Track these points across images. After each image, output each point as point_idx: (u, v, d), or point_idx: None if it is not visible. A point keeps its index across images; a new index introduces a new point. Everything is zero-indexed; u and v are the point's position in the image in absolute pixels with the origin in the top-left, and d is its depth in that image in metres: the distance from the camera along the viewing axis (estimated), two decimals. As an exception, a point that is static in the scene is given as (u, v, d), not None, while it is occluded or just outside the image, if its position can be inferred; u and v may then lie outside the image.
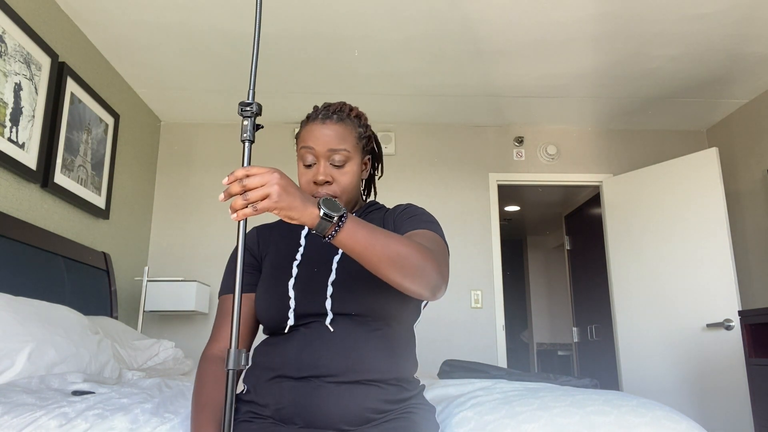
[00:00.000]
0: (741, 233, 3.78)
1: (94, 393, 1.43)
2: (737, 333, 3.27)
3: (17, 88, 2.38)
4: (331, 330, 1.09)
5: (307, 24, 2.88)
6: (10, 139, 2.32)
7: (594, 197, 4.55)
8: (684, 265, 3.57)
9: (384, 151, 4.10)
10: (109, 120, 3.22)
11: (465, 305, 3.88)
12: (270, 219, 3.89)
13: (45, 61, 2.57)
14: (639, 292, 3.77)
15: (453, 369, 1.94)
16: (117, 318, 3.05)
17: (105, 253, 3.08)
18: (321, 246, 1.21)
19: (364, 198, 1.38)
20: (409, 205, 1.25)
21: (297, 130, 3.75)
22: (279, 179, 0.87)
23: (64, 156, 2.74)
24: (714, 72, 3.37)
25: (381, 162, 1.37)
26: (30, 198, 2.52)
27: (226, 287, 1.23)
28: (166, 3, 2.71)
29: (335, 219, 0.91)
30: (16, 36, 2.36)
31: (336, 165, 1.19)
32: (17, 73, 2.38)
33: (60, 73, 2.70)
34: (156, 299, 3.29)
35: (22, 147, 2.40)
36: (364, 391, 1.06)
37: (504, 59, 3.24)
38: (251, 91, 0.94)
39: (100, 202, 3.10)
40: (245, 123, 0.91)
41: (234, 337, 0.86)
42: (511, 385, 1.41)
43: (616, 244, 3.96)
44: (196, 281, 3.31)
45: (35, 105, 2.51)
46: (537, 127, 4.21)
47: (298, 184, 1.44)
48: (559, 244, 6.97)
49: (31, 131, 2.48)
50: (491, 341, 3.83)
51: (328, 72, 3.39)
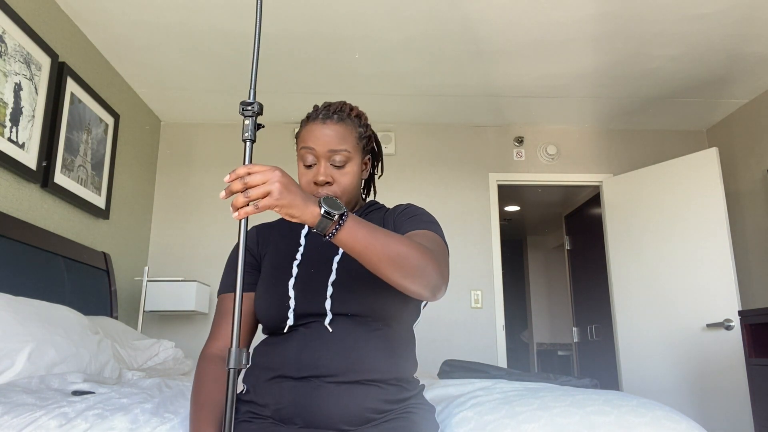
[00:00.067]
0: (741, 233, 3.78)
1: (94, 393, 1.43)
2: (737, 333, 3.27)
3: (17, 88, 2.38)
4: (330, 330, 1.09)
5: (308, 24, 2.88)
6: (10, 139, 2.32)
7: (594, 197, 4.55)
8: (684, 265, 3.57)
9: (384, 151, 4.10)
10: (109, 120, 3.22)
11: (465, 305, 3.88)
12: (270, 218, 3.89)
13: (45, 61, 2.57)
14: (639, 292, 3.77)
15: (453, 369, 1.94)
16: (117, 318, 3.05)
17: (105, 253, 3.08)
18: (321, 246, 1.21)
19: (363, 198, 1.38)
20: (409, 205, 1.25)
21: (297, 129, 3.75)
22: (280, 177, 0.87)
23: (64, 156, 2.74)
24: (714, 72, 3.37)
25: (381, 161, 1.37)
26: (30, 198, 2.52)
27: (225, 286, 1.23)
28: (166, 3, 2.71)
29: (336, 217, 0.91)
30: (16, 36, 2.36)
31: (336, 165, 1.19)
32: (17, 73, 2.38)
33: (60, 73, 2.70)
34: (156, 299, 3.29)
35: (22, 147, 2.40)
36: (363, 391, 1.06)
37: (504, 59, 3.24)
38: (252, 91, 0.94)
39: (100, 202, 3.10)
40: (246, 122, 0.91)
41: (235, 336, 0.86)
42: (511, 385, 1.41)
43: (616, 244, 3.96)
44: (196, 281, 3.31)
45: (35, 105, 2.51)
46: (537, 127, 4.21)
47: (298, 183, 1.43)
48: (559, 244, 6.97)
49: (31, 131, 2.48)
50: (491, 341, 3.83)
51: (328, 72, 3.39)
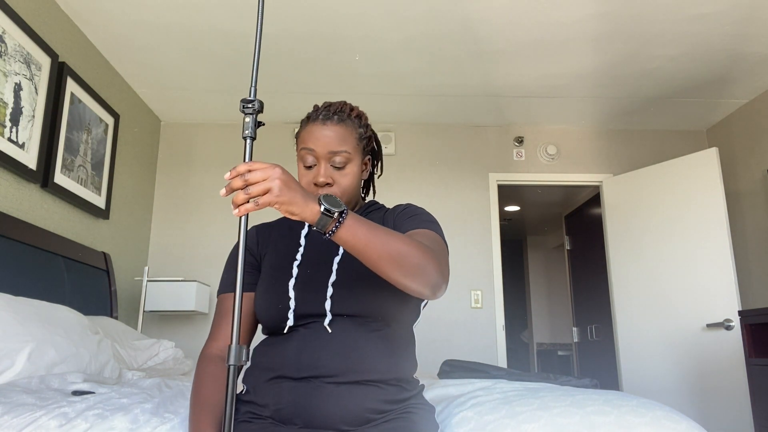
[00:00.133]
0: (741, 233, 3.78)
1: (94, 393, 1.42)
2: (737, 333, 3.27)
3: (17, 88, 2.38)
4: (330, 331, 1.09)
5: (307, 24, 2.88)
6: (10, 139, 2.32)
7: (594, 197, 4.55)
8: (684, 265, 3.57)
9: (384, 151, 4.10)
10: (109, 120, 3.22)
11: (465, 305, 3.88)
12: (270, 217, 3.89)
13: (45, 61, 2.57)
14: (639, 292, 3.77)
15: (453, 369, 1.94)
16: (117, 318, 3.05)
17: (105, 253, 3.08)
18: (321, 246, 1.21)
19: (363, 198, 1.37)
20: (409, 205, 1.25)
21: (297, 129, 3.75)
22: (281, 174, 0.87)
23: (64, 156, 2.74)
24: (714, 72, 3.37)
25: (381, 161, 1.37)
26: (30, 198, 2.52)
27: (225, 286, 1.23)
28: (166, 3, 2.71)
29: (336, 215, 0.91)
30: (16, 36, 2.36)
31: (336, 167, 1.18)
32: (17, 73, 2.38)
33: (60, 73, 2.70)
34: (156, 299, 3.29)
35: (22, 147, 2.40)
36: (363, 392, 1.06)
37: (504, 59, 3.24)
38: (253, 88, 0.94)
39: (100, 202, 3.10)
40: (247, 120, 0.92)
41: (235, 333, 0.86)
42: (511, 385, 1.41)
43: (616, 244, 3.96)
44: (196, 281, 3.31)
45: (35, 105, 2.51)
46: (537, 127, 4.21)
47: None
48: (559, 244, 6.97)
49: (31, 131, 2.48)
50: (491, 341, 3.83)
51: (328, 72, 3.39)
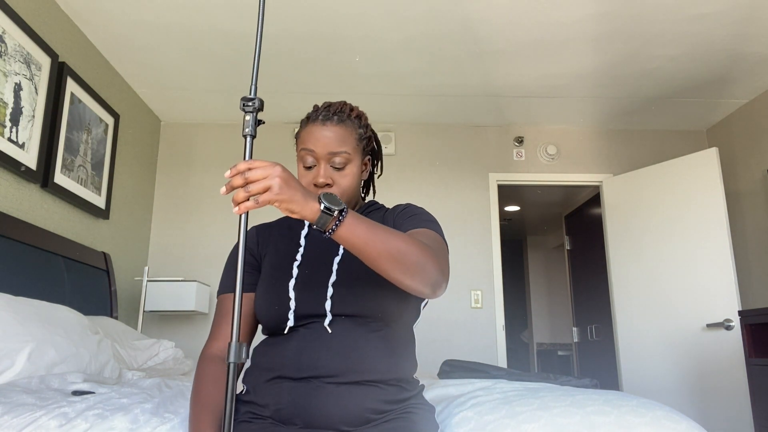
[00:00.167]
0: (741, 233, 3.78)
1: (94, 393, 1.42)
2: (737, 333, 3.27)
3: (17, 88, 2.38)
4: (330, 331, 1.09)
5: (307, 24, 2.88)
6: (10, 139, 2.32)
7: (594, 197, 4.55)
8: (684, 265, 3.57)
9: (384, 151, 4.10)
10: (109, 120, 3.22)
11: (465, 305, 3.88)
12: (271, 217, 3.89)
13: (45, 61, 2.57)
14: (639, 292, 3.77)
15: (453, 369, 1.94)
16: (117, 318, 3.05)
17: (105, 253, 3.08)
18: (321, 247, 1.21)
19: (363, 198, 1.37)
20: (409, 205, 1.25)
21: (297, 129, 3.75)
22: (281, 172, 0.88)
23: (64, 156, 2.74)
24: (714, 72, 3.37)
25: (381, 161, 1.37)
26: (30, 198, 2.52)
27: (225, 286, 1.23)
28: (166, 3, 2.71)
29: (335, 213, 0.91)
30: (16, 36, 2.36)
31: (336, 167, 1.18)
32: (17, 73, 2.38)
33: (60, 73, 2.70)
34: (156, 299, 3.29)
35: (22, 147, 2.40)
36: (363, 392, 1.06)
37: (504, 59, 3.24)
38: (253, 86, 0.94)
39: (100, 202, 3.10)
40: (247, 118, 0.92)
41: (235, 331, 0.86)
42: (511, 385, 1.41)
43: (616, 244, 3.96)
44: (196, 281, 3.31)
45: (35, 105, 2.51)
46: (537, 127, 4.21)
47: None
48: (559, 244, 6.97)
49: (31, 131, 2.48)
50: (491, 341, 3.83)
51: (328, 72, 3.39)
